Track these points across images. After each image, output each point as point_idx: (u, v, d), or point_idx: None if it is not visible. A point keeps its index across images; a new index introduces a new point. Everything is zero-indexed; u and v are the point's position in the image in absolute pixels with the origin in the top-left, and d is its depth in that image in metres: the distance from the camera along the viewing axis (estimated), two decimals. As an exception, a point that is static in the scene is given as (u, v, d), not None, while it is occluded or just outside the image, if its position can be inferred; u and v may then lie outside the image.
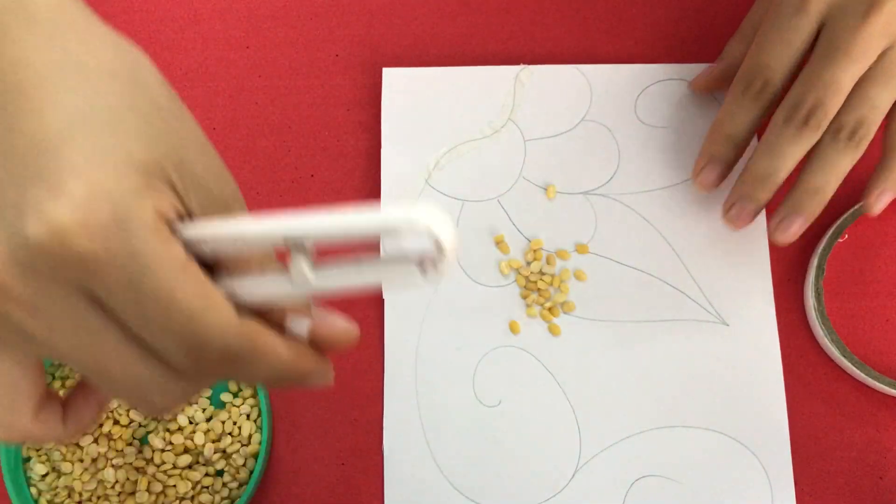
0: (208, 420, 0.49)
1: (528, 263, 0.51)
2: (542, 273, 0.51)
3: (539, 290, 0.51)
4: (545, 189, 0.53)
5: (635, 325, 0.51)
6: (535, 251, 0.51)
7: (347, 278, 0.28)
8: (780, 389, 0.49)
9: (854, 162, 0.46)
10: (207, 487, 0.48)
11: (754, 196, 0.47)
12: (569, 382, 0.50)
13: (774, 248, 0.52)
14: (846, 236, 0.51)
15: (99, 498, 0.47)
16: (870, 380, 0.48)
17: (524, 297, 0.51)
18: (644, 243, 0.52)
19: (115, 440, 0.48)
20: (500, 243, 0.52)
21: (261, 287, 0.29)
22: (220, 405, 0.49)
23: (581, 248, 0.52)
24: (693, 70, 0.54)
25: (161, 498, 0.47)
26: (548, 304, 0.51)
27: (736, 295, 0.51)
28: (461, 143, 0.53)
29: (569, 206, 0.52)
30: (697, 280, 0.51)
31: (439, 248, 0.27)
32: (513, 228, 0.52)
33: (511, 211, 0.52)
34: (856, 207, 0.50)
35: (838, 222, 0.50)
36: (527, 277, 0.51)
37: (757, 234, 0.52)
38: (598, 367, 0.50)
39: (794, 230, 0.47)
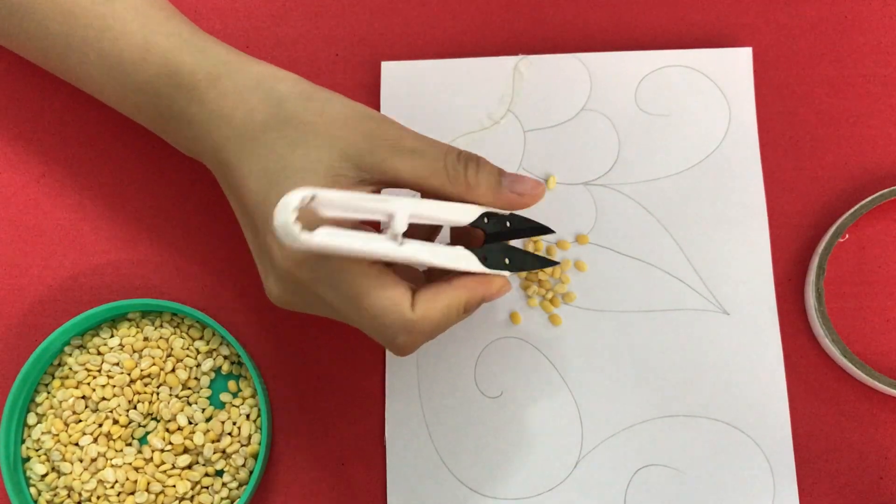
0: (208, 420, 0.48)
1: (529, 255, 0.51)
2: (542, 264, 0.51)
3: (540, 280, 0.51)
4: (545, 180, 0.52)
5: (636, 315, 0.50)
6: (535, 241, 0.51)
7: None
8: (781, 377, 0.49)
9: None
10: (207, 487, 0.48)
11: None
12: (570, 372, 0.50)
13: (775, 246, 0.51)
14: (847, 236, 0.51)
15: (98, 498, 0.47)
16: (870, 380, 0.48)
17: (525, 288, 0.51)
18: (644, 233, 0.51)
19: (114, 440, 0.48)
20: (500, 234, 0.51)
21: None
22: (220, 405, 0.49)
23: (581, 239, 0.51)
24: (694, 56, 0.53)
25: (161, 498, 0.47)
26: (549, 295, 0.51)
27: (736, 284, 0.50)
28: (461, 135, 0.52)
29: (569, 196, 0.52)
30: (698, 269, 0.51)
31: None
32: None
33: (511, 202, 0.52)
34: (856, 207, 0.50)
35: (839, 222, 0.50)
36: (527, 269, 0.51)
37: (757, 222, 0.51)
38: (599, 357, 0.50)
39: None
